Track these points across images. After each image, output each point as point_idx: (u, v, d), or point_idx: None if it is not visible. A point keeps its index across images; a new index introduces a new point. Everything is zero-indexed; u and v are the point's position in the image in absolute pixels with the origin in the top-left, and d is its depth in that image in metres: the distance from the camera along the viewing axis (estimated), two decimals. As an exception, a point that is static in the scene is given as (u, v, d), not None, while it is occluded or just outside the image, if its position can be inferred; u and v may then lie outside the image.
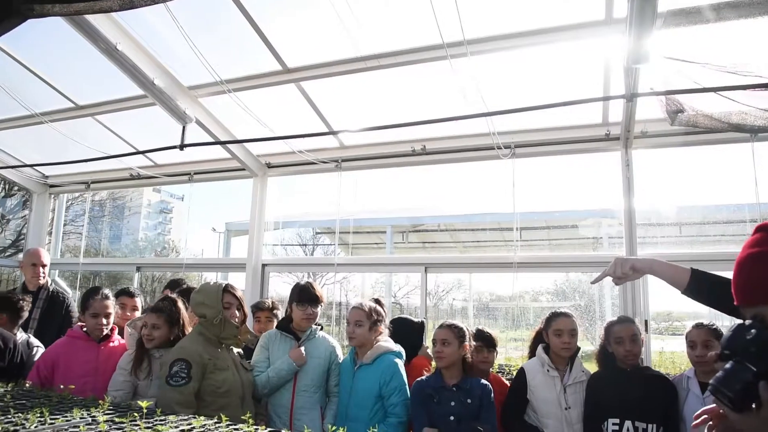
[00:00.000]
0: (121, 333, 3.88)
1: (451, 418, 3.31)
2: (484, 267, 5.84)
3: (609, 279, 2.17)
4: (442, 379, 3.45)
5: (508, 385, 3.92)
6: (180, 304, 3.69)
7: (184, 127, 5.34)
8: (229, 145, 5.76)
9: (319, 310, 3.72)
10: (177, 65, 5.22)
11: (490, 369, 3.96)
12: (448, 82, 4.88)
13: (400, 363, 3.59)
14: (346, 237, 8.43)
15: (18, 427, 2.11)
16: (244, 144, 5.91)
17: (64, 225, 10.27)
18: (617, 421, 3.36)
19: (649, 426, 3.30)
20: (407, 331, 4.02)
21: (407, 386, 3.54)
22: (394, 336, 3.83)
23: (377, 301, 3.78)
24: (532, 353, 3.85)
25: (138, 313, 4.23)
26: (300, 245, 21.94)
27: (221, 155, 6.40)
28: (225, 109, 5.68)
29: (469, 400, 3.35)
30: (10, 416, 2.28)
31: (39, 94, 6.07)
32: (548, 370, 3.62)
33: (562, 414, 3.52)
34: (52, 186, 8.11)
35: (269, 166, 6.38)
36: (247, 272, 6.14)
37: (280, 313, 4.48)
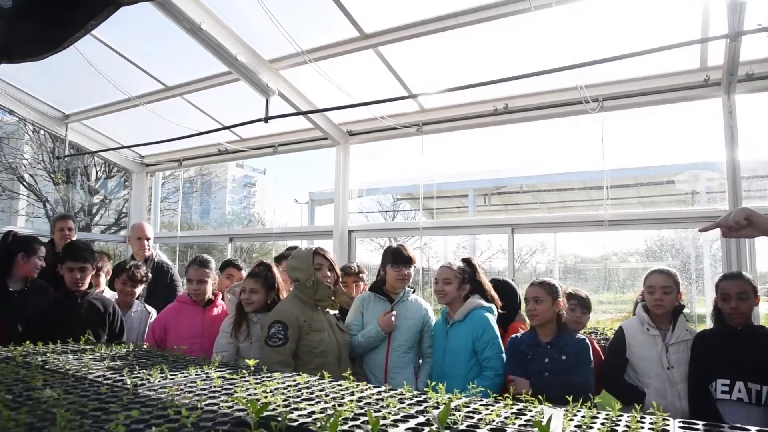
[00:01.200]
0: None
1: (546, 374, 3.29)
2: (572, 226, 5.67)
3: (715, 234, 1.99)
4: (537, 337, 3.43)
5: (599, 348, 3.84)
6: (275, 269, 3.84)
7: (267, 100, 5.49)
8: (311, 115, 5.86)
9: (413, 271, 3.77)
10: (258, 40, 5.34)
11: (582, 331, 3.89)
12: (532, 36, 4.70)
13: (492, 317, 3.59)
14: (428, 202, 8.42)
15: (144, 381, 2.30)
16: (326, 113, 5.99)
17: (161, 202, 10.89)
18: (727, 381, 3.19)
19: (764, 387, 3.11)
20: (504, 293, 4.00)
21: (500, 340, 3.54)
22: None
23: (467, 261, 3.78)
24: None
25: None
26: (380, 212, 22.19)
27: (304, 126, 6.53)
28: (305, 79, 5.77)
29: (563, 357, 3.30)
30: (136, 372, 2.49)
31: (132, 78, 6.40)
32: (648, 329, 3.50)
33: (665, 373, 3.41)
34: (148, 165, 8.62)
35: (351, 134, 6.45)
36: (334, 239, 6.30)
37: (366, 278, 4.58)
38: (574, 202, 12.80)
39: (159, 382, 2.33)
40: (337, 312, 3.71)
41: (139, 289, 4.55)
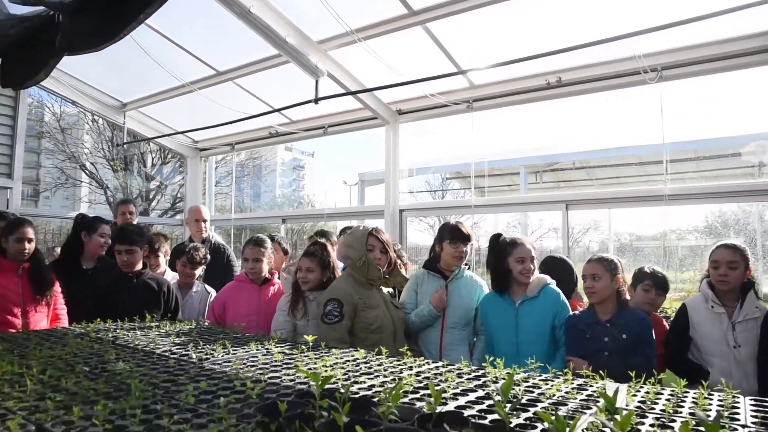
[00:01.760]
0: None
1: (605, 353, 3.21)
2: (630, 201, 5.48)
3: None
4: (595, 315, 3.34)
5: (667, 327, 3.72)
6: (330, 248, 3.89)
7: (316, 81, 5.52)
8: (360, 95, 5.86)
9: (469, 248, 3.74)
10: (306, 21, 5.36)
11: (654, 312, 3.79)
12: (585, 5, 4.54)
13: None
14: (479, 180, 8.34)
15: (208, 356, 2.39)
16: (375, 92, 5.98)
17: (214, 186, 11.18)
18: (801, 360, 3.05)
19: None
20: (560, 270, 3.92)
21: None
22: (546, 273, 3.75)
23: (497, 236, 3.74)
24: None
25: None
26: (429, 192, 22.09)
27: (353, 106, 6.54)
28: (354, 59, 5.77)
29: (624, 335, 3.22)
30: (200, 347, 2.58)
31: (185, 65, 6.55)
32: (713, 306, 3.36)
33: (731, 352, 3.27)
34: (202, 150, 8.84)
35: (400, 112, 6.42)
36: (385, 218, 6.32)
37: (406, 259, 4.57)
38: (630, 178, 12.37)
39: (222, 356, 2.41)
40: (391, 290, 3.73)
41: (199, 271, 4.70)
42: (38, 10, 5.53)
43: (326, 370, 2.13)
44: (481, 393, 1.89)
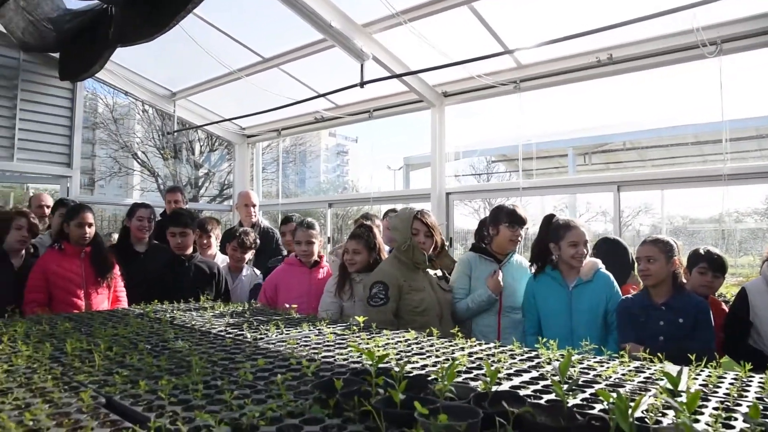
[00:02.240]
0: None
1: (660, 338, 3.11)
2: (687, 182, 5.28)
3: None
4: (650, 298, 3.25)
5: (726, 310, 3.59)
6: (376, 230, 3.91)
7: (362, 65, 5.51)
8: (405, 78, 5.83)
9: (524, 232, 3.69)
10: (351, 4, 5.34)
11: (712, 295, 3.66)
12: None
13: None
14: (525, 163, 8.18)
15: (263, 336, 2.44)
16: (420, 75, 5.93)
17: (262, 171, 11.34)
18: None
19: None
20: (614, 253, 3.81)
21: None
22: (598, 257, 3.67)
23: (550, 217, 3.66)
24: None
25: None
26: (473, 175, 21.86)
27: (398, 89, 6.52)
28: (399, 42, 5.73)
29: (680, 319, 3.11)
30: (254, 327, 2.65)
31: (232, 52, 6.65)
32: (775, 290, 3.23)
33: (794, 337, 3.15)
34: (249, 136, 8.98)
35: (446, 95, 6.35)
36: (431, 202, 6.30)
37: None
38: (685, 158, 11.91)
39: (276, 336, 2.46)
40: (439, 272, 3.71)
41: (249, 255, 4.80)
42: (92, 4, 5.72)
43: (379, 350, 2.15)
44: (535, 374, 1.88)
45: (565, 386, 1.57)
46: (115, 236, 5.78)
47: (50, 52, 6.40)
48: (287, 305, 3.23)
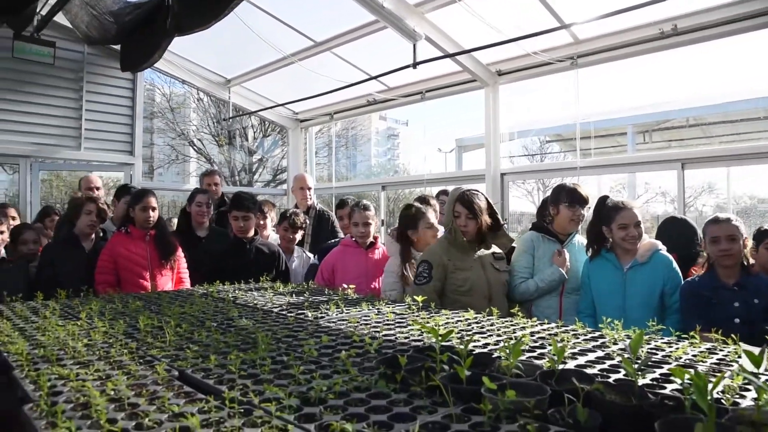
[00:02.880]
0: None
1: (736, 320, 2.97)
2: (754, 158, 5.02)
3: None
4: (718, 279, 3.11)
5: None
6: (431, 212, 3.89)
7: (414, 46, 5.46)
8: (458, 57, 5.74)
9: (586, 212, 3.60)
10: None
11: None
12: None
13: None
14: (583, 142, 7.95)
15: (323, 315, 2.48)
16: (473, 53, 5.82)
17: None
18: None
19: None
20: (681, 233, 3.67)
21: None
22: (663, 237, 3.54)
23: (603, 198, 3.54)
24: None
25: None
26: (526, 156, 21.40)
27: (451, 69, 6.43)
28: (452, 20, 5.64)
29: (756, 300, 2.97)
30: (314, 307, 2.69)
31: (284, 37, 6.71)
32: None
33: None
34: (302, 121, 9.08)
35: (500, 73, 6.22)
36: (486, 182, 6.21)
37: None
38: (752, 134, 11.29)
39: (336, 315, 2.50)
40: (496, 251, 3.64)
41: (299, 235, 4.86)
42: (151, -6, 5.87)
43: (439, 329, 2.15)
44: (600, 353, 1.84)
45: (635, 365, 1.53)
46: (175, 221, 5.94)
47: (112, 44, 6.63)
48: (344, 285, 3.27)
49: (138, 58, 6.46)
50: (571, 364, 1.67)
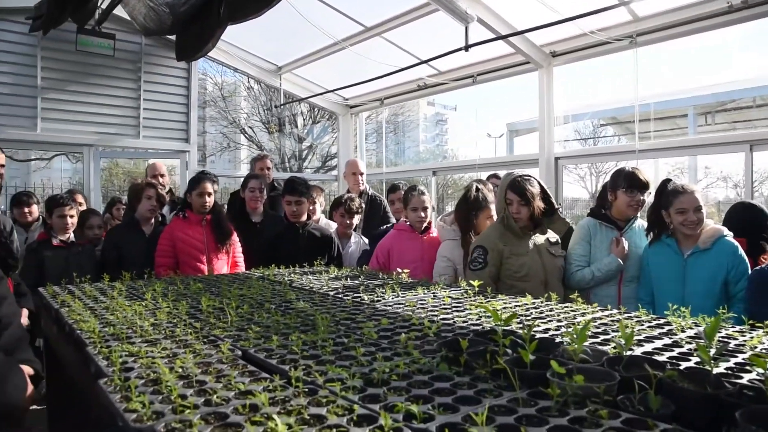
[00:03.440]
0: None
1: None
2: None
3: None
4: (790, 266, 2.95)
5: None
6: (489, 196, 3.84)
7: (466, 28, 5.37)
8: (511, 39, 5.60)
9: (646, 197, 3.48)
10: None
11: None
12: None
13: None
14: (641, 124, 7.67)
15: (379, 298, 2.49)
16: (527, 34, 5.67)
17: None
18: None
19: None
20: (753, 219, 3.49)
21: None
22: (732, 223, 3.38)
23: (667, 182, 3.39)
24: None
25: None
26: (579, 140, 20.84)
27: (503, 51, 6.30)
28: (504, 1, 5.51)
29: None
30: (370, 290, 2.70)
31: (334, 23, 6.70)
32: None
33: None
34: (352, 107, 9.10)
35: (554, 54, 6.04)
36: (539, 167, 6.08)
37: None
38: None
39: (392, 299, 2.50)
40: (552, 236, 3.57)
41: (356, 220, 4.89)
42: (204, -17, 5.97)
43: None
44: (667, 341, 1.77)
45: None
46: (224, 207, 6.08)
47: (168, 35, 6.78)
48: (399, 270, 3.27)
49: (192, 48, 6.58)
50: (637, 351, 1.62)
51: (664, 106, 9.94)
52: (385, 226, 4.78)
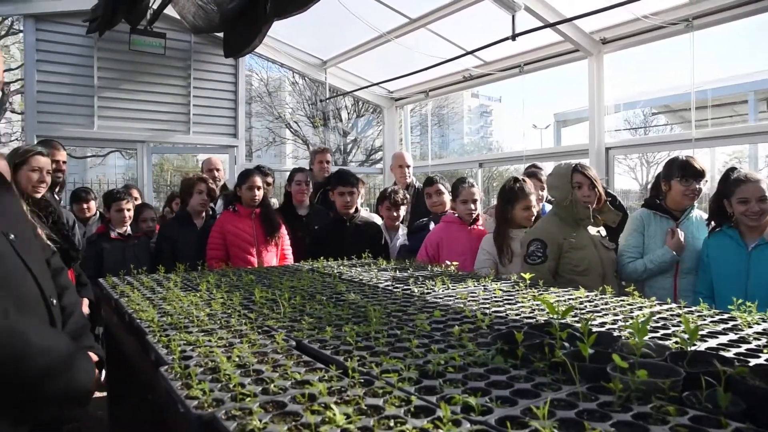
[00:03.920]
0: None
1: None
2: None
3: None
4: None
5: None
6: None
7: (513, 17, 5.27)
8: (559, 26, 5.47)
9: (703, 185, 3.36)
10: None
11: None
12: None
13: None
14: (688, 114, 7.39)
15: (429, 291, 2.48)
16: (576, 22, 5.52)
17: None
18: None
19: None
20: None
21: None
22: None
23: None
24: None
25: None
26: (629, 129, 20.22)
27: (550, 40, 6.16)
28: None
29: None
30: (419, 283, 2.69)
31: (379, 16, 6.68)
32: None
33: None
34: (397, 100, 9.08)
35: (604, 42, 5.86)
36: (589, 157, 5.92)
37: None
38: None
39: (442, 291, 2.48)
40: (600, 230, 3.50)
41: (402, 211, 4.88)
42: (252, -20, 6.05)
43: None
44: (733, 336, 1.70)
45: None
46: (274, 201, 6.16)
47: (216, 32, 6.92)
48: (448, 262, 3.25)
49: (240, 44, 6.71)
50: (701, 347, 1.56)
51: (722, 93, 9.51)
52: (422, 221, 4.76)
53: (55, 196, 4.35)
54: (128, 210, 4.61)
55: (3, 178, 1.66)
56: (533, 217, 3.69)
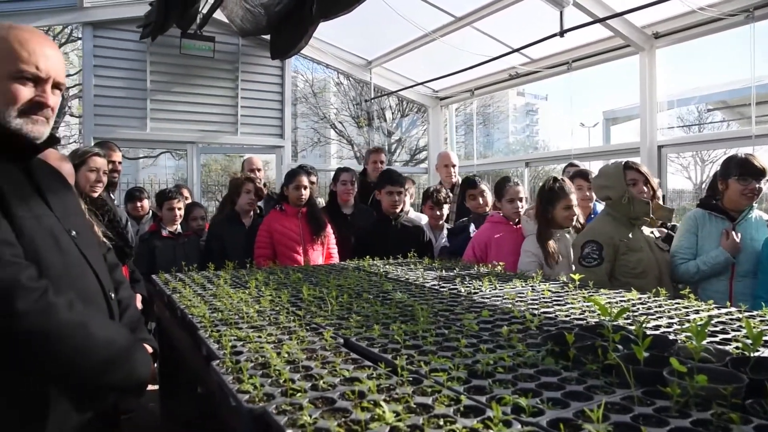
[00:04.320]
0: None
1: None
2: None
3: None
4: None
5: None
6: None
7: (561, 13, 5.17)
8: (609, 21, 5.33)
9: (764, 185, 3.21)
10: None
11: None
12: None
13: None
14: (747, 110, 7.08)
15: (476, 291, 2.46)
16: (627, 16, 5.37)
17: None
18: None
19: None
20: None
21: None
22: None
23: None
24: None
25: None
26: (682, 127, 19.53)
27: (599, 36, 6.01)
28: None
29: None
30: (466, 283, 2.68)
31: (423, 15, 6.66)
32: None
33: None
34: (442, 99, 9.03)
35: (656, 36, 5.68)
36: (641, 156, 5.75)
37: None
38: None
39: (490, 291, 2.46)
40: (654, 231, 3.40)
41: (445, 210, 4.85)
42: (298, -17, 6.13)
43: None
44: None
45: None
46: (319, 200, 6.22)
47: (263, 34, 7.04)
48: (495, 262, 3.21)
49: (286, 46, 6.81)
50: (764, 353, 1.49)
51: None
52: (462, 221, 4.72)
53: (111, 195, 4.51)
54: (179, 209, 4.74)
55: (65, 179, 1.73)
56: (575, 217, 3.60)
